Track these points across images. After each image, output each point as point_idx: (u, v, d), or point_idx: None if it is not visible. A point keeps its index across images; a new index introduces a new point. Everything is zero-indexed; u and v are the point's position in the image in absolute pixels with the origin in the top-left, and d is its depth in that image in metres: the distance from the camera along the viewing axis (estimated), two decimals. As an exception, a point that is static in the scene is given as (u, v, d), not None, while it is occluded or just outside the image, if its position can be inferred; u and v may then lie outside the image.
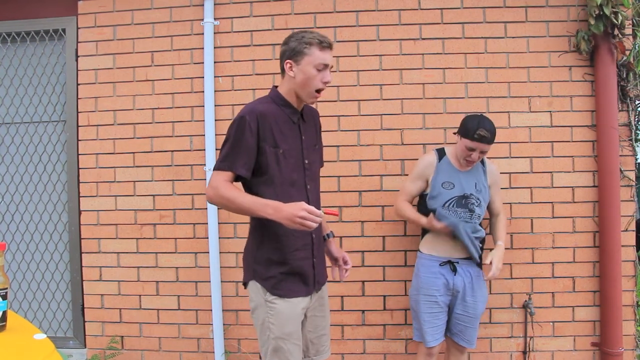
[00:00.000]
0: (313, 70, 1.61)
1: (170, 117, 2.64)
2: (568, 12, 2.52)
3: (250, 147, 1.58)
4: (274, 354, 1.63)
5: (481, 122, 2.00)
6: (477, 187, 2.11)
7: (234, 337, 2.61)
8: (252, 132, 1.58)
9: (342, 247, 2.55)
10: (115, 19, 2.67)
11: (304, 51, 1.60)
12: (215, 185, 1.58)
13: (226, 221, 2.60)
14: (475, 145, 2.00)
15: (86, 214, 2.68)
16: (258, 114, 1.60)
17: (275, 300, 1.64)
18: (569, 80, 2.52)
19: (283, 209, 1.49)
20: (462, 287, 2.09)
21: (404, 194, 2.22)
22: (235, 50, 2.61)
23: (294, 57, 1.62)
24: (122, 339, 2.65)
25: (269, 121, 1.62)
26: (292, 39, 1.64)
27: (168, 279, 2.63)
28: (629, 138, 2.50)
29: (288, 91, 1.68)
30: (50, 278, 2.82)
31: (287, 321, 1.64)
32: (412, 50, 2.56)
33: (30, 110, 2.83)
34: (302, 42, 1.60)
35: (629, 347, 2.47)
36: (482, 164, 2.18)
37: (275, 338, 1.62)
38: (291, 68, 1.63)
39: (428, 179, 2.15)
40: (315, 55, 1.60)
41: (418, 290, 2.14)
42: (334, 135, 2.56)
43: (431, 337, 2.10)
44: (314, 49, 1.60)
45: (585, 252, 2.51)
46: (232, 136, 1.60)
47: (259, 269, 1.67)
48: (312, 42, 1.60)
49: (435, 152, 2.19)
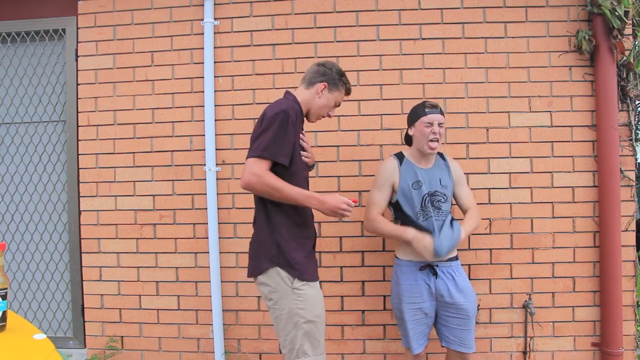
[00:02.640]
0: (332, 102, 1.90)
1: (170, 117, 2.64)
2: (568, 12, 2.52)
3: (291, 139, 1.71)
4: (305, 338, 1.67)
5: (423, 100, 2.11)
6: (442, 183, 2.08)
7: (234, 337, 2.61)
8: (294, 126, 1.72)
9: (342, 247, 2.56)
10: (115, 19, 2.67)
11: (339, 87, 1.89)
12: (259, 173, 1.65)
13: (226, 221, 2.60)
14: (430, 117, 2.03)
15: (86, 214, 2.68)
16: (298, 112, 1.79)
17: (303, 287, 1.70)
18: (569, 80, 2.52)
19: (326, 201, 1.68)
20: (446, 290, 2.02)
21: (374, 207, 2.11)
22: (235, 50, 2.61)
23: (330, 84, 1.87)
24: (122, 339, 2.65)
25: (300, 120, 1.83)
26: (335, 70, 1.89)
27: (168, 279, 2.63)
28: (629, 138, 2.50)
29: (304, 102, 1.88)
30: (50, 278, 2.82)
31: (317, 303, 1.73)
32: (412, 50, 2.56)
33: (30, 110, 2.83)
34: (342, 80, 1.89)
35: (629, 347, 2.47)
36: (443, 160, 2.16)
37: (307, 322, 1.68)
38: (323, 90, 1.86)
39: (394, 185, 2.10)
40: (340, 95, 1.92)
41: (400, 299, 2.06)
42: (334, 135, 2.57)
43: (416, 344, 2.05)
44: (343, 90, 1.92)
45: (585, 252, 2.51)
46: (274, 128, 1.67)
47: (283, 256, 1.71)
48: (346, 85, 1.92)
49: (394, 156, 2.15)
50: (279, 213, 1.73)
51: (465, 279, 2.08)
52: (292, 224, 1.74)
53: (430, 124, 2.02)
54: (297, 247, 1.73)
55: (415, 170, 2.09)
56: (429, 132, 2.02)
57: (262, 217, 1.78)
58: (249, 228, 2.57)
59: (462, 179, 2.18)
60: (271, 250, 1.72)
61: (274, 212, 1.74)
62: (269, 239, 1.74)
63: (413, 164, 2.11)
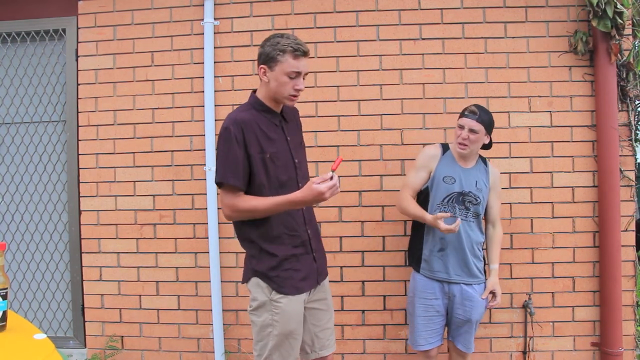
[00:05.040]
0: (284, 78, 1.60)
1: (170, 117, 2.64)
2: (568, 12, 2.52)
3: (237, 156, 1.59)
4: (275, 349, 1.66)
5: (474, 105, 2.07)
6: (478, 186, 2.10)
7: (234, 337, 2.61)
8: (238, 142, 1.59)
9: (342, 247, 2.56)
10: (115, 19, 2.67)
11: (277, 58, 1.59)
12: (230, 204, 1.61)
13: (226, 221, 2.59)
14: (463, 121, 2.03)
15: (86, 214, 2.68)
16: (241, 122, 1.61)
17: (281, 300, 1.65)
18: (568, 80, 2.52)
19: (307, 197, 1.53)
20: (459, 292, 2.07)
21: (407, 188, 2.16)
22: (235, 50, 2.61)
23: (267, 62, 1.62)
24: (122, 339, 2.65)
25: (252, 128, 1.62)
26: (267, 44, 1.63)
27: (168, 279, 2.63)
28: (628, 138, 2.50)
29: (265, 96, 1.69)
30: (50, 278, 2.82)
31: (292, 319, 1.67)
32: (412, 50, 2.56)
33: (30, 110, 2.83)
34: (275, 49, 1.59)
35: (629, 347, 2.47)
36: (484, 164, 2.18)
37: (279, 335, 1.65)
38: (265, 73, 1.63)
39: (431, 171, 2.13)
40: (287, 63, 1.59)
41: (414, 293, 2.13)
42: (334, 135, 2.57)
43: (424, 340, 2.08)
44: (287, 56, 1.59)
45: (585, 252, 2.51)
46: (220, 150, 1.62)
47: (263, 267, 1.68)
48: (285, 49, 1.58)
49: (440, 145, 2.19)
50: (251, 230, 1.68)
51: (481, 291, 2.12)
52: (270, 236, 1.66)
53: (462, 127, 2.04)
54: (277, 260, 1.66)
55: (454, 166, 2.11)
56: (459, 134, 2.05)
57: (238, 233, 1.76)
58: (249, 228, 2.58)
59: (497, 188, 2.21)
60: (252, 261, 1.71)
61: (245, 229, 1.69)
62: (248, 252, 1.73)
63: (454, 158, 2.13)
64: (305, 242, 1.74)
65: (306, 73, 1.67)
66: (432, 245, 2.09)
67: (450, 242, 2.05)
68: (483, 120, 2.03)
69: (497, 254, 2.20)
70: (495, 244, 2.21)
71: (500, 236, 2.23)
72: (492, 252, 2.20)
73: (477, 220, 2.12)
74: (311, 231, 1.78)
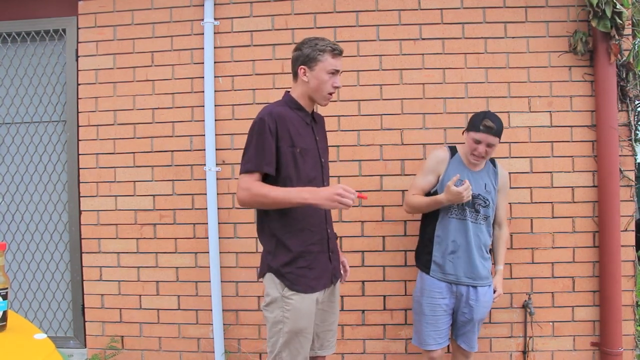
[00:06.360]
0: (326, 76, 1.71)
1: (170, 117, 2.64)
2: (568, 12, 2.52)
3: (271, 146, 1.64)
4: (284, 346, 1.67)
5: (487, 115, 2.03)
6: (487, 189, 2.10)
7: (234, 337, 2.61)
8: (271, 133, 1.64)
9: (342, 247, 2.56)
10: (115, 19, 2.67)
11: (318, 58, 1.70)
12: (247, 187, 1.63)
13: (226, 221, 2.60)
14: (481, 136, 2.01)
15: (86, 214, 2.68)
16: (276, 115, 1.67)
17: (292, 297, 1.67)
18: (568, 80, 2.52)
19: (319, 190, 1.58)
20: (466, 292, 2.08)
21: (414, 189, 2.16)
22: (235, 50, 2.61)
23: (307, 63, 1.72)
24: (122, 339, 2.65)
25: (285, 122, 1.69)
26: (306, 46, 1.72)
27: (168, 279, 2.64)
28: (628, 138, 2.50)
29: (301, 95, 1.77)
30: (51, 278, 2.82)
31: (302, 317, 1.68)
32: (412, 50, 2.56)
33: (30, 110, 2.83)
34: (315, 49, 1.70)
35: (629, 347, 2.48)
36: (493, 166, 2.18)
37: (289, 332, 1.66)
38: (305, 73, 1.73)
39: (439, 175, 2.12)
40: (328, 62, 1.71)
41: (421, 292, 2.13)
42: (334, 135, 2.56)
43: (432, 340, 2.08)
44: (327, 55, 1.70)
45: (585, 252, 2.51)
46: (254, 139, 1.66)
47: (276, 263, 1.70)
48: (325, 49, 1.70)
49: (448, 148, 2.18)
50: (272, 221, 1.71)
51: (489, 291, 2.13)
52: (293, 228, 1.70)
53: (479, 142, 2.02)
54: (292, 256, 1.69)
55: (462, 169, 2.11)
56: (475, 148, 2.04)
57: (259, 225, 1.78)
58: (249, 228, 2.59)
59: (505, 190, 2.21)
60: (267, 257, 1.73)
61: (267, 220, 1.72)
62: (265, 247, 1.76)
63: (463, 162, 2.13)
64: (324, 240, 1.78)
65: (341, 71, 1.78)
66: (444, 248, 2.08)
67: (461, 245, 2.06)
68: (499, 132, 2.02)
69: (503, 255, 2.21)
70: (501, 244, 2.22)
71: (506, 237, 2.25)
72: (498, 253, 2.22)
73: (487, 223, 2.11)
74: (330, 231, 1.82)
